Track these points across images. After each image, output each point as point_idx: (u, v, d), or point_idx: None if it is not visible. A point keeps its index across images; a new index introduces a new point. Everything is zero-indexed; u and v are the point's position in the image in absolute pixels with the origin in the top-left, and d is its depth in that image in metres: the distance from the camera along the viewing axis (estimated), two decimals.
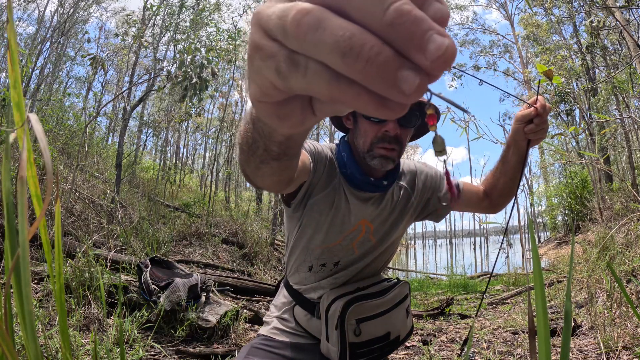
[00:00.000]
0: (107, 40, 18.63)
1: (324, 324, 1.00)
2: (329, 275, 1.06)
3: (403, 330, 1.06)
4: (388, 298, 1.03)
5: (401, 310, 1.06)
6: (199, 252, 5.68)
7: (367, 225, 1.04)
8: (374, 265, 1.11)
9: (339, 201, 1.00)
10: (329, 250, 1.03)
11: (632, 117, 3.88)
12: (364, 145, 0.96)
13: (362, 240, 1.05)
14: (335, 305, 0.98)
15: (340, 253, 1.04)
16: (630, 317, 2.12)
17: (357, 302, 0.98)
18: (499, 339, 2.73)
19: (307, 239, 1.02)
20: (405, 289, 1.09)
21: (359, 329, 0.97)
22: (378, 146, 0.93)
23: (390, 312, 1.02)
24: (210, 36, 8.81)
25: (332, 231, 1.01)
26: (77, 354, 1.79)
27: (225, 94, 18.06)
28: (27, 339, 0.37)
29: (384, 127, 0.92)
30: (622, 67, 6.58)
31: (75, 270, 2.42)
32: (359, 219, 1.02)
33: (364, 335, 0.98)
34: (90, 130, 9.64)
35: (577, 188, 10.54)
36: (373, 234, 1.05)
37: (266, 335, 1.09)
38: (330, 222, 1.00)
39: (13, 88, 0.38)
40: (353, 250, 1.05)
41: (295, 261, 1.08)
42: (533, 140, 0.94)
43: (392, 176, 1.04)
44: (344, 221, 1.01)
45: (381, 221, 1.06)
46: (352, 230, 1.03)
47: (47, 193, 0.38)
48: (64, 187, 4.19)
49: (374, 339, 0.99)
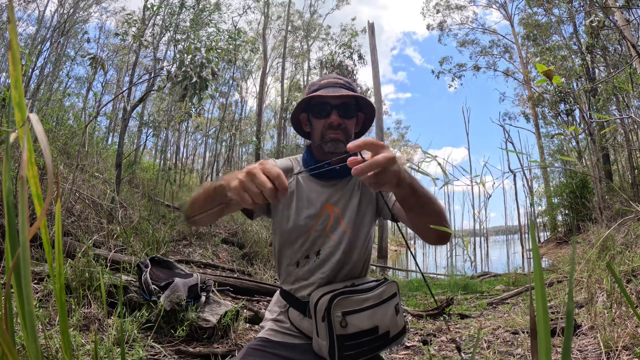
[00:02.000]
0: (107, 40, 18.61)
1: (314, 318, 1.05)
2: (315, 268, 1.15)
3: (393, 327, 1.09)
4: (374, 294, 1.07)
5: (389, 307, 1.09)
6: (199, 252, 5.68)
7: (333, 210, 1.19)
8: (354, 260, 1.18)
9: (299, 190, 1.19)
10: (307, 240, 1.16)
11: (632, 117, 3.88)
12: (319, 136, 1.18)
13: (333, 224, 1.17)
14: (322, 299, 1.04)
15: (319, 241, 1.16)
16: (630, 317, 2.12)
17: (342, 296, 1.04)
18: (499, 339, 2.73)
19: (286, 232, 1.17)
20: (392, 288, 1.13)
21: (345, 321, 1.01)
22: (327, 133, 1.16)
23: (377, 307, 1.07)
24: (210, 36, 8.81)
25: (301, 217, 1.16)
26: (77, 353, 1.79)
27: (225, 94, 18.06)
28: (27, 339, 0.37)
29: (328, 120, 1.15)
30: (622, 67, 6.58)
31: (75, 270, 2.42)
32: (322, 203, 1.18)
33: (351, 328, 1.02)
34: (90, 130, 9.64)
35: (577, 188, 10.54)
36: (342, 218, 1.18)
37: (262, 336, 1.16)
38: (296, 208, 1.17)
39: (14, 88, 0.38)
40: (328, 237, 1.17)
41: (283, 262, 1.20)
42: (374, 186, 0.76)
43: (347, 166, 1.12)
44: (309, 205, 1.17)
45: (344, 204, 1.19)
46: (320, 215, 1.17)
47: (47, 193, 0.38)
48: (64, 187, 4.19)
49: (361, 332, 1.03)
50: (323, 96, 1.17)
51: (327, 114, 1.17)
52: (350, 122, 1.19)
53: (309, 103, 1.23)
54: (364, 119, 1.29)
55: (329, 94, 1.15)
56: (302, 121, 1.28)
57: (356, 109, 1.22)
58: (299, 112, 1.27)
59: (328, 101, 1.17)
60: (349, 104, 1.18)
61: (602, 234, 3.95)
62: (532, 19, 15.06)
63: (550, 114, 15.29)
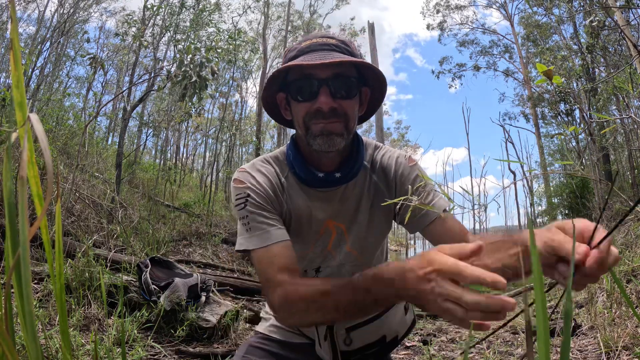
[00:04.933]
0: (107, 40, 18.62)
1: (315, 332, 0.97)
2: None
3: (402, 328, 1.02)
4: None
5: (398, 309, 1.00)
6: (199, 252, 5.68)
7: (336, 226, 0.93)
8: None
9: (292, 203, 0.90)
10: (305, 259, 0.96)
11: (632, 117, 3.89)
12: (301, 128, 0.82)
13: (336, 242, 0.94)
14: None
15: (317, 259, 0.96)
16: (630, 317, 2.12)
17: None
18: (499, 339, 2.73)
19: None
20: None
21: (350, 339, 0.92)
22: (313, 122, 0.79)
23: (384, 315, 0.96)
24: (210, 36, 8.82)
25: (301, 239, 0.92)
26: (77, 353, 1.79)
27: (225, 94, 18.07)
28: (27, 339, 0.37)
29: (315, 103, 0.78)
30: (622, 67, 6.58)
31: (75, 270, 2.42)
32: (323, 219, 0.92)
33: (356, 343, 0.93)
34: (90, 130, 9.64)
35: (577, 188, 10.53)
36: (348, 235, 0.94)
37: (263, 333, 1.09)
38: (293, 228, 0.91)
39: (16, 88, 0.38)
40: (330, 254, 0.95)
41: None
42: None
43: (348, 167, 0.89)
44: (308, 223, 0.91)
45: (350, 219, 0.93)
46: (321, 235, 0.93)
47: (47, 193, 0.38)
48: (64, 187, 4.19)
49: (367, 345, 0.94)
50: (305, 66, 0.77)
51: (312, 94, 0.78)
52: (349, 103, 0.81)
53: (285, 77, 0.84)
54: (369, 97, 0.91)
55: (314, 61, 0.74)
56: (280, 104, 0.89)
57: (358, 82, 0.83)
58: (274, 91, 0.87)
59: (313, 73, 0.78)
60: (347, 77, 0.79)
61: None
62: (532, 19, 15.07)
63: (550, 114, 15.30)
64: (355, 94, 0.82)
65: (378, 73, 0.83)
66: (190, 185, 15.16)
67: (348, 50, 0.82)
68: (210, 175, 13.32)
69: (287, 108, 0.88)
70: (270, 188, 0.87)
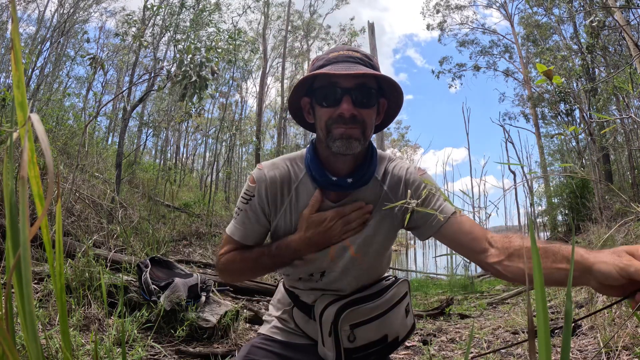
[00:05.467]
0: (107, 40, 18.63)
1: (319, 329, 0.98)
2: (319, 287, 1.03)
3: (402, 330, 1.03)
4: (385, 299, 0.99)
5: (400, 310, 1.02)
6: (199, 252, 5.68)
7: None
8: (366, 279, 1.04)
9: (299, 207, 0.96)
10: (308, 265, 1.00)
11: (632, 117, 3.88)
12: (323, 131, 0.90)
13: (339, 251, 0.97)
14: (328, 311, 0.96)
15: (323, 264, 0.99)
16: (630, 317, 2.12)
17: (350, 308, 0.94)
18: (499, 339, 2.73)
19: None
20: (403, 287, 1.05)
21: (354, 335, 0.94)
22: (334, 126, 0.87)
23: (387, 314, 0.98)
24: (210, 36, 8.82)
25: None
26: (77, 353, 1.79)
27: (225, 94, 18.07)
28: (28, 339, 0.37)
29: (337, 109, 0.86)
30: (622, 67, 6.59)
31: (75, 270, 2.42)
32: None
33: (359, 341, 0.95)
34: (90, 130, 9.64)
35: (577, 188, 10.54)
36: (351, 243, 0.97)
37: (266, 334, 1.10)
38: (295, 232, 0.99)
39: (17, 88, 0.38)
40: (333, 263, 0.99)
41: (285, 272, 1.07)
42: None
43: (360, 174, 0.94)
44: None
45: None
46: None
47: (48, 193, 0.38)
48: (64, 187, 4.19)
49: (369, 343, 0.96)
50: (331, 75, 0.86)
51: (336, 101, 0.86)
52: (368, 112, 0.88)
53: (312, 84, 0.93)
54: (386, 108, 0.98)
55: (339, 71, 0.83)
56: (304, 108, 0.97)
57: (377, 94, 0.91)
58: (300, 96, 0.96)
59: (338, 82, 0.86)
60: (368, 87, 0.87)
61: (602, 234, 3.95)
62: (532, 19, 15.07)
63: (550, 114, 15.30)
64: (374, 104, 0.90)
65: (396, 86, 0.91)
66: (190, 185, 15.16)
67: (370, 64, 0.90)
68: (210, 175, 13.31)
69: (310, 112, 0.96)
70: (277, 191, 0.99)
